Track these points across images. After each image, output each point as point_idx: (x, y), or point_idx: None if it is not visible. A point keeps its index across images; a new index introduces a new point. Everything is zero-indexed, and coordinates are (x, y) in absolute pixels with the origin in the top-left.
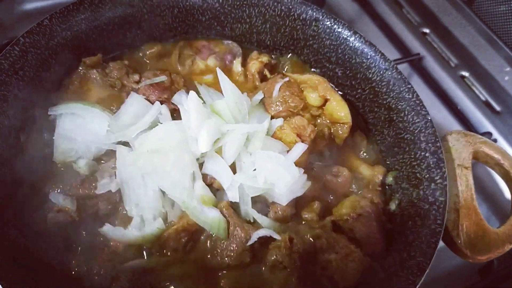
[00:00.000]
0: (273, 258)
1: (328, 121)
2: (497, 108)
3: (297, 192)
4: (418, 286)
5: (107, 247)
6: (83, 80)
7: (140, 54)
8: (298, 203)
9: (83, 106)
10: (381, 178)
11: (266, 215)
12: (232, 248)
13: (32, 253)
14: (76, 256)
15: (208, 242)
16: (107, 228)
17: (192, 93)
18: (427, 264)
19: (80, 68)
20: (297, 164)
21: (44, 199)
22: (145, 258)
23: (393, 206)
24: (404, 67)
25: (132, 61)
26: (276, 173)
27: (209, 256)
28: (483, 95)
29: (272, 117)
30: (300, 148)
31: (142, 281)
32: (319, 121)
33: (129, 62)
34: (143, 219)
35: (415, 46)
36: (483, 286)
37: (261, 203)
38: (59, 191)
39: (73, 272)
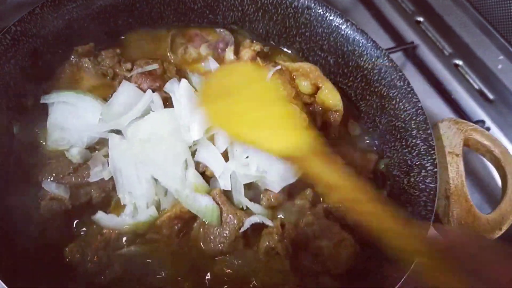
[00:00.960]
0: (266, 244)
1: (320, 109)
2: (490, 96)
3: (290, 179)
4: (407, 273)
5: (101, 235)
6: (75, 69)
7: (132, 43)
8: (291, 190)
9: (75, 95)
10: (373, 166)
11: (258, 202)
12: (225, 235)
13: (24, 241)
14: (68, 244)
15: (201, 229)
16: (99, 216)
17: (183, 81)
18: None
19: (72, 56)
20: None
21: (37, 188)
22: (138, 245)
23: (384, 193)
24: (398, 56)
25: (124, 49)
26: (268, 160)
27: (202, 243)
28: (477, 83)
29: None
30: None
31: (135, 268)
32: (310, 108)
33: (121, 50)
34: (136, 207)
35: (409, 34)
36: None
37: (254, 190)
38: (52, 179)
39: (66, 260)
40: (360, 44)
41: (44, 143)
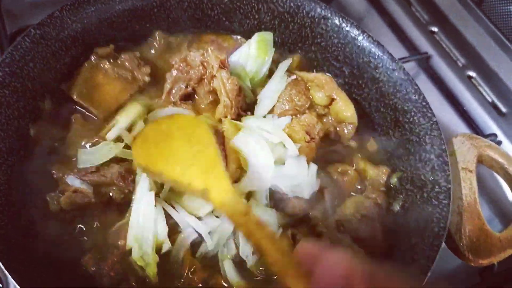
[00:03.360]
0: None
1: (333, 120)
2: (503, 109)
3: (315, 186)
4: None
5: (117, 248)
6: (94, 71)
7: (149, 47)
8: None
9: None
10: (385, 179)
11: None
12: None
13: (40, 246)
14: (85, 254)
15: None
16: None
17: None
18: (429, 267)
19: (93, 58)
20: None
21: (56, 186)
22: None
23: (396, 207)
24: (411, 66)
25: (143, 53)
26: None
27: None
28: (490, 96)
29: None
30: None
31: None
32: (324, 120)
33: (140, 54)
34: None
35: (423, 44)
36: None
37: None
38: (75, 176)
39: (83, 270)
40: (376, 56)
41: (61, 144)
